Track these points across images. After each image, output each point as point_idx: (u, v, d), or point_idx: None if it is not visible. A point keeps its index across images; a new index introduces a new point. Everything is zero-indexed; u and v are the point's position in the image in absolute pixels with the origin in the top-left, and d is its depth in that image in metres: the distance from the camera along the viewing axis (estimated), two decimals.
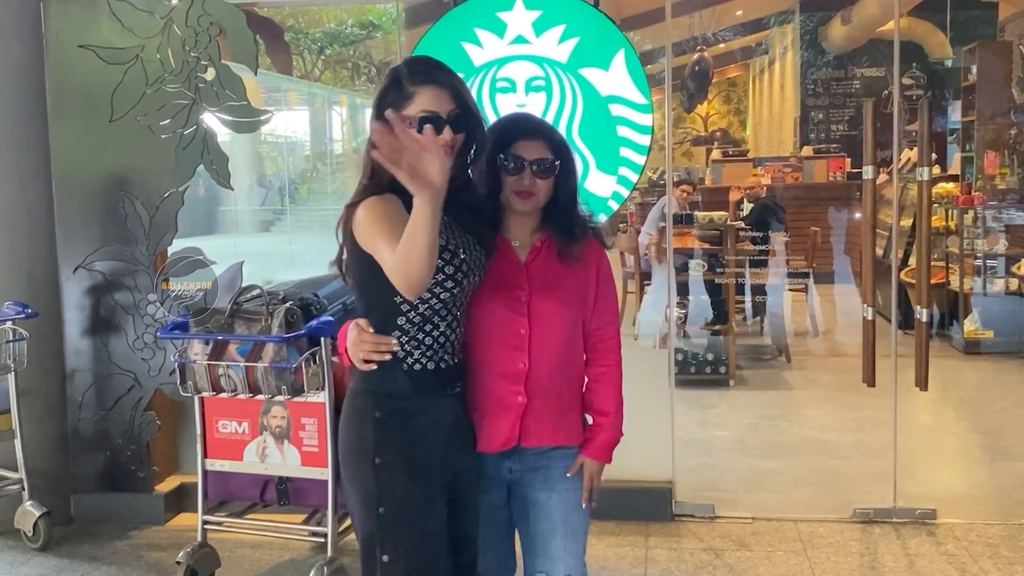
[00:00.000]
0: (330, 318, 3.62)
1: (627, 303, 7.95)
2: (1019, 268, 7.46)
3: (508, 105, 4.24)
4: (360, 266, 2.16)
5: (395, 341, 2.17)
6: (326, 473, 3.55)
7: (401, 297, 2.08)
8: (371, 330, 2.18)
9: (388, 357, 2.16)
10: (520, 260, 2.34)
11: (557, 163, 2.30)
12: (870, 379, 4.71)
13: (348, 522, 3.83)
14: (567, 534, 2.38)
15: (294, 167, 17.63)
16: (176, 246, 4.50)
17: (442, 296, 2.17)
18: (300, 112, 18.75)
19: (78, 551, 4.22)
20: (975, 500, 4.54)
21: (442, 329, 2.20)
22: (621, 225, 9.06)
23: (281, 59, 11.10)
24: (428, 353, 2.19)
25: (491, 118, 4.23)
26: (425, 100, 2.15)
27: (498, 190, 2.29)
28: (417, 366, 2.18)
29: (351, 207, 2.15)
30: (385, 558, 2.15)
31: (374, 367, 2.17)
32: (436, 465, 2.18)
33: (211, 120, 4.38)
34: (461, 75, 2.30)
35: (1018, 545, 3.99)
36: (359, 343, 2.17)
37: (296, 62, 15.62)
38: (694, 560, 3.96)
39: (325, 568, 3.55)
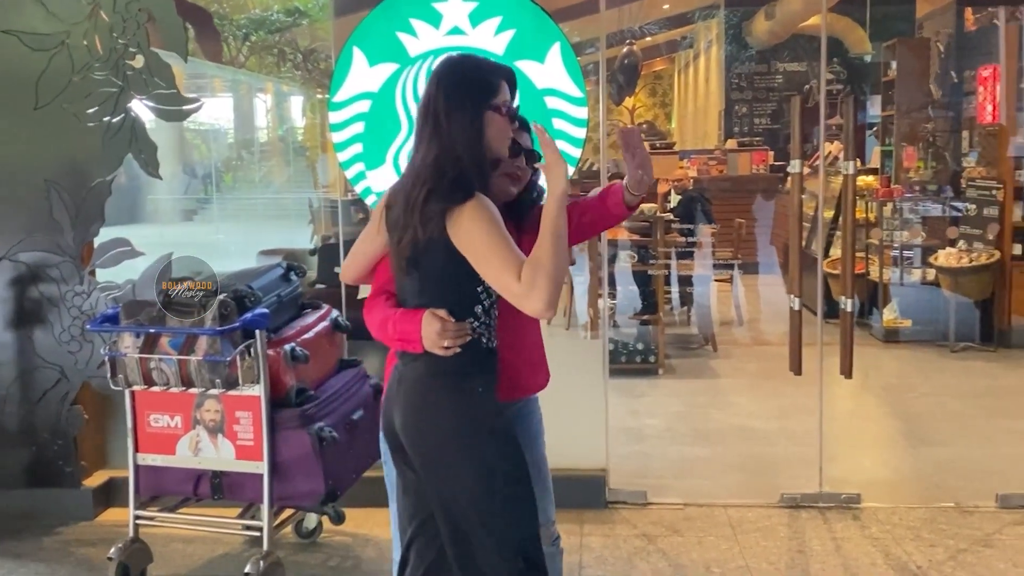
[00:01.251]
0: (265, 310, 3.57)
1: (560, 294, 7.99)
2: (935, 259, 7.70)
3: None
4: (451, 263, 2.20)
5: (469, 326, 2.27)
6: (261, 467, 3.51)
7: (482, 288, 2.25)
8: (451, 319, 2.25)
9: (467, 340, 2.26)
10: None
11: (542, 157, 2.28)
12: (796, 368, 4.82)
13: (284, 515, 3.81)
14: (547, 478, 2.74)
15: (219, 155, 17.34)
16: (103, 236, 4.40)
17: None
18: (225, 99, 18.44)
19: (2, 549, 4.11)
20: (897, 484, 4.68)
21: (496, 311, 2.34)
22: None
23: (210, 46, 10.89)
24: (491, 333, 2.33)
25: None
26: (504, 92, 2.28)
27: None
28: (489, 345, 2.31)
29: (449, 206, 2.16)
30: (504, 525, 2.25)
31: (457, 350, 2.25)
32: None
33: (139, 108, 4.28)
34: (396, 65, 2.32)
35: (938, 527, 4.13)
36: (443, 332, 2.24)
37: (222, 48, 15.32)
38: (628, 546, 4.02)
39: (261, 562, 3.52)
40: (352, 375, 3.98)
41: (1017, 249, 7.40)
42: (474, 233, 2.14)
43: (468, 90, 2.23)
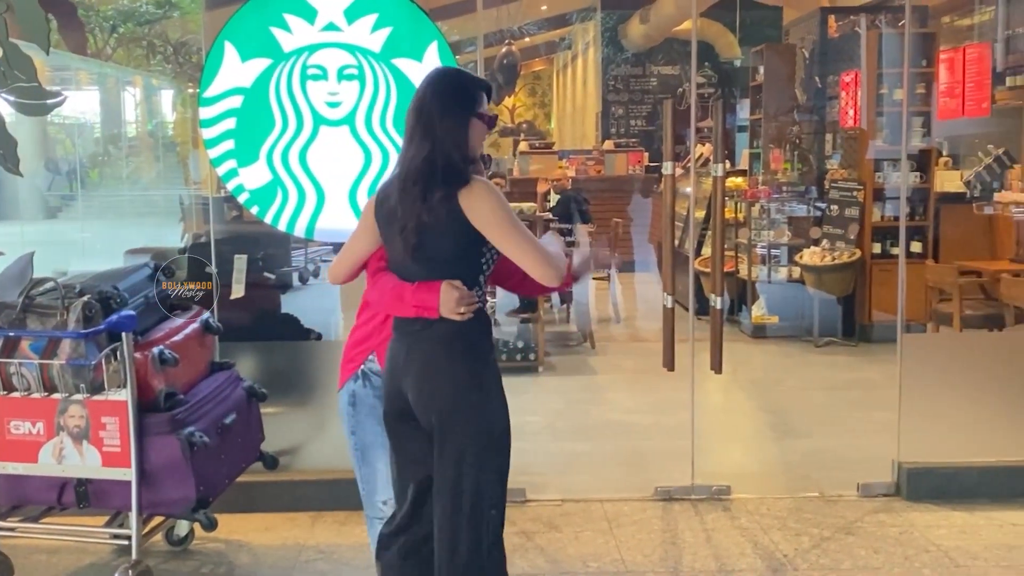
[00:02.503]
0: (131, 312, 3.46)
1: None
2: (800, 257, 7.99)
3: (319, 93, 4.17)
4: (461, 240, 2.54)
5: (476, 294, 2.61)
6: (129, 474, 3.40)
7: (484, 260, 2.61)
8: (466, 288, 2.58)
9: (477, 307, 2.60)
10: None
11: None
12: (670, 364, 4.94)
13: (154, 523, 3.69)
14: None
15: (85, 150, 16.67)
16: None
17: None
18: (91, 93, 17.75)
19: None
20: (765, 476, 4.84)
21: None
22: None
23: (74, 37, 10.46)
24: (486, 300, 2.70)
25: (302, 106, 4.17)
26: (485, 103, 2.67)
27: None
28: (487, 311, 2.67)
29: (454, 191, 2.49)
30: (496, 478, 2.65)
31: (470, 316, 2.57)
32: None
33: None
34: (270, 60, 2.34)
35: (804, 516, 4.29)
36: (461, 299, 2.55)
37: (87, 40, 14.74)
38: (507, 544, 4.02)
39: (130, 571, 3.41)
40: (224, 378, 3.89)
41: (877, 248, 7.75)
42: (497, 209, 2.51)
43: (459, 98, 2.60)
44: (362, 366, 2.88)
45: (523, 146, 13.66)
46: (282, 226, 4.28)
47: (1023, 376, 4.55)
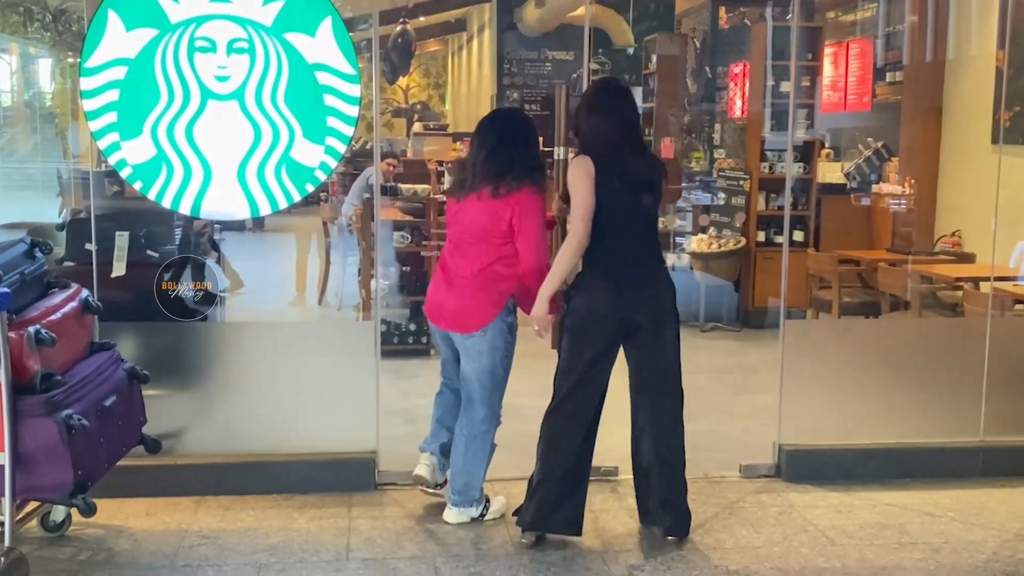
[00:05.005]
0: (6, 289, 3.30)
1: (330, 275, 7.92)
2: (689, 244, 8.15)
3: (207, 66, 4.06)
4: None
5: None
6: (2, 457, 3.25)
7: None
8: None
9: None
10: None
11: None
12: (557, 344, 4.96)
13: (29, 508, 3.55)
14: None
15: None
16: None
17: None
18: None
19: None
20: None
21: None
22: (323, 195, 8.95)
23: None
24: None
25: (189, 79, 4.05)
26: None
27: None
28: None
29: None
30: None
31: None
32: None
33: None
34: (156, 31, 2.23)
35: (688, 497, 4.37)
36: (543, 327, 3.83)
37: None
38: (396, 527, 4.03)
39: (2, 558, 3.26)
40: (105, 359, 3.76)
41: (761, 236, 7.97)
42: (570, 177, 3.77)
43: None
44: (508, 304, 3.93)
45: (417, 127, 13.58)
46: (166, 203, 4.17)
47: (898, 361, 4.74)
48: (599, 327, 3.72)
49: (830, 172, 8.37)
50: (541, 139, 4.18)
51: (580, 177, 3.66)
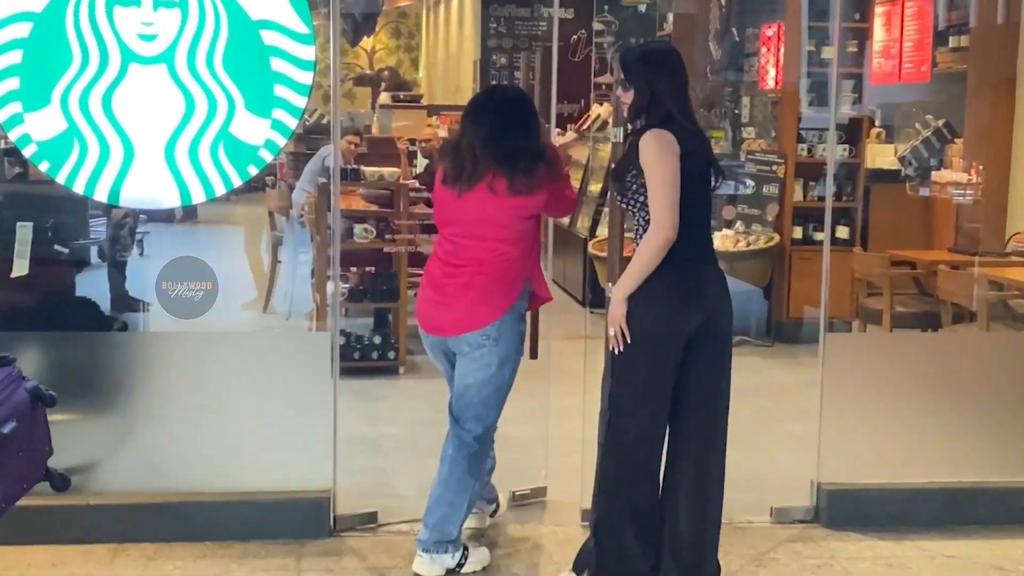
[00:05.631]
0: None
1: (279, 276, 7.93)
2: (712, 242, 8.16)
3: (130, 23, 4.06)
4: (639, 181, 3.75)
5: None
6: None
7: None
8: None
9: None
10: None
11: None
12: (533, 351, 4.97)
13: None
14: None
15: None
16: None
17: None
18: None
19: None
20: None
21: None
22: (269, 179, 8.95)
23: None
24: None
25: (107, 39, 4.04)
26: None
27: None
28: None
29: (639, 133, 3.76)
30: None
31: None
32: None
33: None
34: None
35: None
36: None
37: None
38: None
39: None
40: (2, 377, 3.72)
41: (797, 232, 7.98)
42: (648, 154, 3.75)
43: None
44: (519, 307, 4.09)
45: (384, 98, 13.57)
46: (79, 187, 4.16)
47: (961, 383, 4.74)
48: (675, 344, 3.76)
49: (881, 156, 8.39)
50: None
51: (666, 156, 3.65)
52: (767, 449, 5.60)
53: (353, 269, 7.01)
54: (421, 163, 9.06)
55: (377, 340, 6.91)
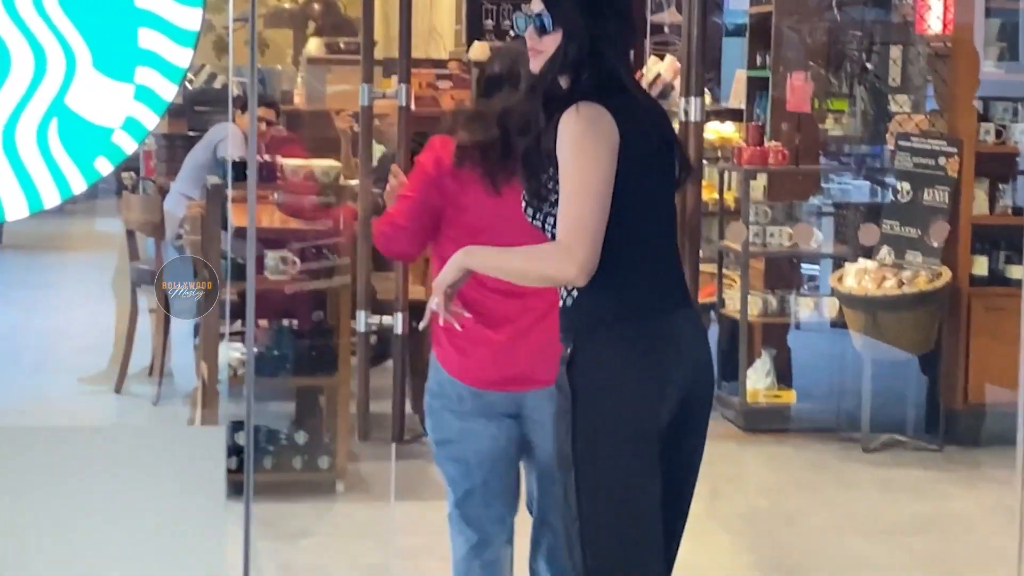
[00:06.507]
0: None
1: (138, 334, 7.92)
2: (839, 280, 8.11)
3: None
4: None
5: None
6: None
7: None
8: None
9: None
10: None
11: None
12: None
13: None
14: None
15: None
16: None
17: None
18: None
19: None
20: None
21: None
22: (127, 177, 8.97)
23: None
24: None
25: None
26: None
27: None
28: None
29: None
30: None
31: None
32: None
33: None
34: None
35: None
36: None
37: None
38: None
39: None
40: None
41: (981, 266, 7.94)
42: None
43: None
44: None
45: (313, 46, 13.64)
46: None
47: None
48: (653, 438, 3.73)
49: None
50: None
51: (595, 147, 3.63)
52: None
53: (262, 323, 6.98)
54: (377, 151, 9.04)
55: (300, 439, 6.87)
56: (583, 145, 3.59)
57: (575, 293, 3.68)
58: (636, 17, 3.87)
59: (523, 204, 3.77)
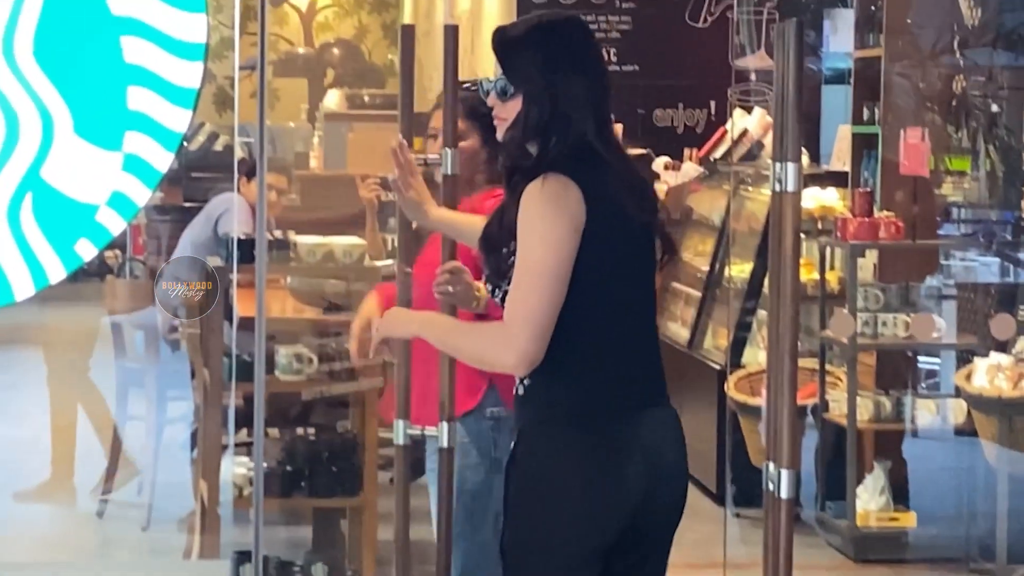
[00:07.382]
0: None
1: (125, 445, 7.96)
2: (968, 378, 8.11)
3: None
4: None
5: None
6: None
7: None
8: None
9: None
10: None
11: None
12: None
13: None
14: None
15: None
16: None
17: None
18: None
19: None
20: None
21: None
22: (111, 257, 9.05)
23: None
24: None
25: None
26: None
27: None
28: None
29: None
30: None
31: None
32: None
33: None
34: None
35: None
36: None
37: None
38: None
39: None
40: None
41: None
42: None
43: None
44: None
45: (333, 101, 13.77)
46: None
47: None
48: (594, 560, 3.84)
49: None
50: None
51: (553, 223, 3.80)
52: None
53: (273, 432, 7.02)
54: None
55: (319, 573, 6.90)
56: (543, 222, 3.76)
57: (527, 382, 3.83)
58: (605, 72, 3.95)
59: (483, 279, 4.09)
